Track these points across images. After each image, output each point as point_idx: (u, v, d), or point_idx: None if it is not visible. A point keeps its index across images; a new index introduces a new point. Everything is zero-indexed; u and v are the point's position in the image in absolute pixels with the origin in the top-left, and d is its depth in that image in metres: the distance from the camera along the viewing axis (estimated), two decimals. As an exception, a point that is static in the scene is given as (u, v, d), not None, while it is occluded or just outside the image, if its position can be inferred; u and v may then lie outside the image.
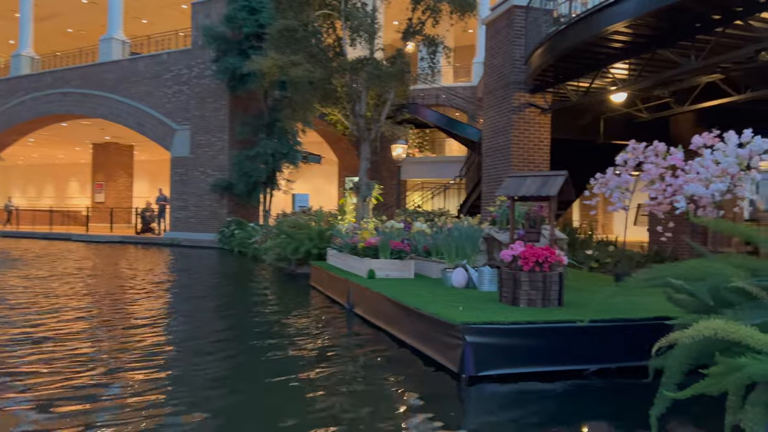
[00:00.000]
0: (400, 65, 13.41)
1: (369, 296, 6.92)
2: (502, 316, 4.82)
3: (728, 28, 7.92)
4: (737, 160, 6.01)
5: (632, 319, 4.90)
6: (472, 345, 4.52)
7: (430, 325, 5.07)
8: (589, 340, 4.74)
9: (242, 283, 11.83)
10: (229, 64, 19.86)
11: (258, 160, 20.57)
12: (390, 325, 6.12)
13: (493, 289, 6.67)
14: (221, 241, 20.28)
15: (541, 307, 5.37)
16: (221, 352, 5.63)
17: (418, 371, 4.98)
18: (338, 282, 8.47)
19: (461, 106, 27.07)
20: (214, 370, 4.90)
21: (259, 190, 21.46)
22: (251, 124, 21.26)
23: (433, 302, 5.60)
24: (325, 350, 5.69)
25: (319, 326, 6.94)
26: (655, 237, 14.51)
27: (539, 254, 5.41)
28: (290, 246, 11.93)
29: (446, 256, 7.29)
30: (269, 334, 6.33)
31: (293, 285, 11.17)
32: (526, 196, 5.63)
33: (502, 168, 12.38)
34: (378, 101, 14.80)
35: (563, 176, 5.57)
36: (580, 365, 4.76)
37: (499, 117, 12.59)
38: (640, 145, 7.67)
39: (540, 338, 4.67)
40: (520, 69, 12.14)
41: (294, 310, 8.22)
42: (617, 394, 4.51)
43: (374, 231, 8.92)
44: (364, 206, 14.02)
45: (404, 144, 17.31)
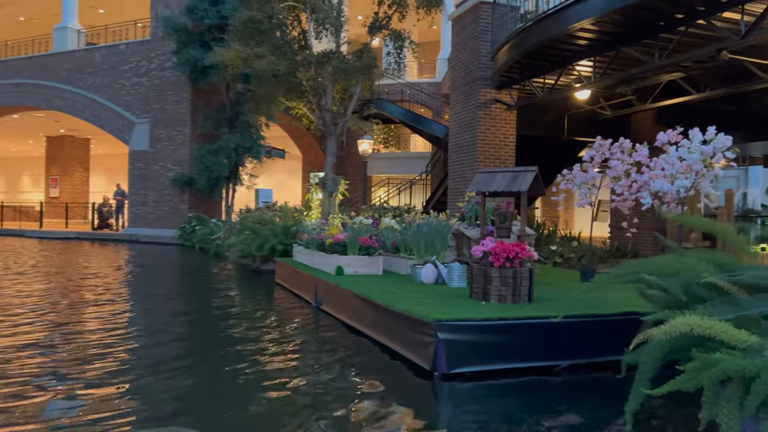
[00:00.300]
0: (366, 59, 13.29)
1: (337, 293, 6.81)
2: (473, 312, 4.78)
3: (691, 27, 8.06)
4: (702, 157, 6.10)
5: (603, 314, 4.91)
6: (445, 342, 4.46)
7: (401, 322, 4.99)
8: (561, 336, 4.74)
9: (205, 281, 11.55)
10: (191, 56, 19.40)
11: (220, 155, 20.19)
12: (359, 323, 6.02)
13: (463, 284, 6.64)
14: (182, 238, 19.84)
15: (512, 303, 5.35)
16: (182, 350, 5.44)
17: (389, 369, 4.90)
18: (305, 279, 8.33)
19: (426, 102, 27.12)
20: (174, 373, 4.72)
21: (222, 185, 21.07)
22: (213, 118, 20.83)
23: (403, 299, 5.53)
24: (292, 349, 5.56)
25: (286, 324, 6.79)
26: (616, 232, 14.79)
27: (510, 250, 5.38)
28: (255, 242, 11.71)
29: (415, 252, 7.23)
30: (233, 334, 6.16)
31: (258, 282, 10.96)
32: (497, 191, 5.60)
33: (468, 164, 12.40)
34: (344, 95, 14.66)
35: (533, 172, 5.56)
36: (553, 361, 4.75)
37: (466, 113, 12.60)
38: (606, 142, 7.75)
39: (512, 334, 4.64)
40: (486, 65, 12.16)
41: (259, 307, 8.05)
42: (589, 390, 4.52)
43: (341, 227, 8.81)
44: (330, 202, 13.87)
45: (370, 139, 17.21)
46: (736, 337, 2.97)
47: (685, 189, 6.28)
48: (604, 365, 4.86)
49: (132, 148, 22.55)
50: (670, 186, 6.37)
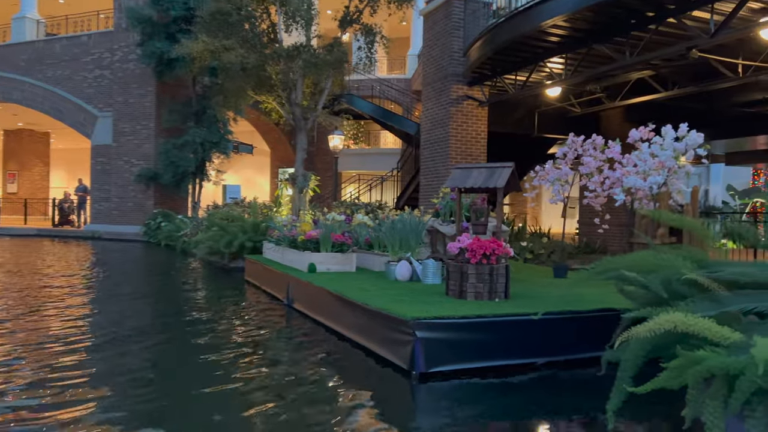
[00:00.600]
0: (337, 54, 13.13)
1: (310, 291, 6.67)
2: (451, 310, 4.71)
3: (661, 25, 8.14)
4: (674, 154, 6.15)
5: (581, 311, 4.89)
6: (423, 341, 4.38)
7: (377, 320, 4.89)
8: (540, 333, 4.70)
9: (171, 278, 11.26)
10: (156, 48, 18.91)
11: (186, 150, 19.76)
12: (334, 321, 5.90)
13: (437, 281, 6.58)
14: (147, 234, 19.38)
15: (488, 300, 5.30)
16: (149, 353, 5.24)
17: (365, 369, 4.80)
18: (276, 276, 8.16)
19: (396, 98, 27.04)
20: (140, 379, 4.54)
21: (188, 181, 20.64)
22: (179, 112, 20.39)
23: (378, 296, 5.43)
24: (264, 348, 5.41)
25: (257, 323, 6.62)
26: (584, 228, 14.95)
27: (486, 246, 5.33)
28: (223, 239, 11.46)
29: (390, 248, 7.13)
30: (201, 332, 5.97)
31: (227, 279, 10.73)
32: (473, 187, 5.54)
33: (440, 160, 12.36)
34: (314, 90, 14.47)
35: (510, 168, 5.51)
36: (531, 358, 4.72)
37: (438, 109, 12.55)
38: (578, 139, 7.77)
39: (491, 332, 4.58)
40: (458, 61, 12.12)
41: (228, 305, 7.85)
42: (569, 387, 4.49)
43: (312, 223, 8.66)
44: (300, 198, 13.68)
45: (341, 135, 17.04)
46: (720, 334, 2.95)
47: (658, 185, 6.33)
48: (581, 362, 4.86)
49: (94, 143, 21.92)
50: (642, 182, 6.41)
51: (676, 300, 3.57)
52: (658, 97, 10.74)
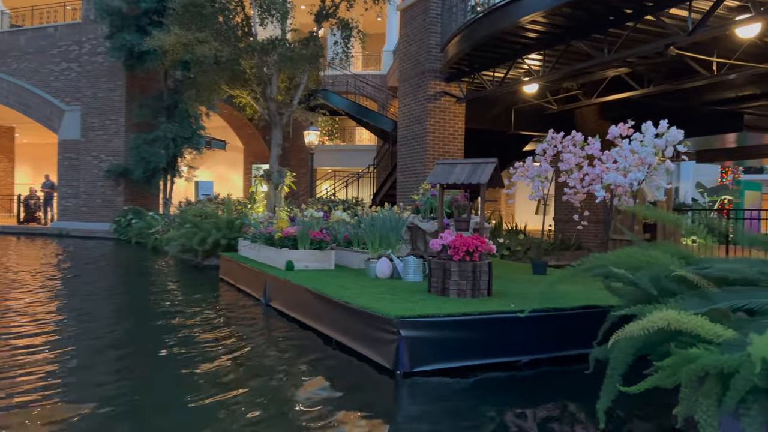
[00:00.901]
0: (313, 48, 12.94)
1: (289, 289, 6.52)
2: (435, 308, 4.62)
3: (639, 23, 8.16)
4: (654, 150, 6.15)
5: (566, 308, 4.85)
6: (407, 339, 4.28)
7: (360, 319, 4.78)
8: (525, 331, 4.64)
9: (143, 277, 10.96)
10: (126, 40, 18.46)
11: (158, 145, 19.37)
12: (314, 320, 5.77)
13: (419, 279, 6.49)
14: (117, 232, 18.94)
15: (471, 298, 5.23)
16: (119, 354, 5.05)
17: (347, 368, 4.68)
18: (253, 274, 7.98)
19: (371, 94, 26.90)
20: (111, 381, 4.35)
21: (159, 177, 20.24)
22: (150, 106, 19.96)
23: (360, 295, 5.31)
24: (241, 348, 5.25)
25: (233, 322, 6.45)
26: (560, 225, 15.04)
27: (469, 243, 5.26)
28: (197, 236, 11.21)
29: (369, 246, 7.02)
30: (175, 333, 5.78)
31: (201, 278, 10.49)
32: (456, 183, 5.45)
33: (417, 157, 12.29)
34: (289, 85, 14.26)
35: (493, 164, 5.44)
36: (515, 357, 4.66)
37: (415, 105, 12.47)
38: (558, 135, 7.76)
39: (476, 330, 4.50)
40: (436, 57, 12.05)
41: (203, 304, 7.64)
42: (556, 385, 4.44)
43: (288, 220, 8.50)
44: (275, 195, 13.47)
45: (317, 130, 16.85)
46: (713, 331, 2.91)
47: (638, 182, 6.33)
48: (565, 359, 4.82)
49: (62, 138, 21.33)
50: (623, 179, 6.40)
51: (665, 297, 3.53)
52: (633, 94, 10.81)
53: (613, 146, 7.03)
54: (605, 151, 7.06)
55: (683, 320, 2.93)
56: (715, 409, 2.77)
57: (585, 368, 4.73)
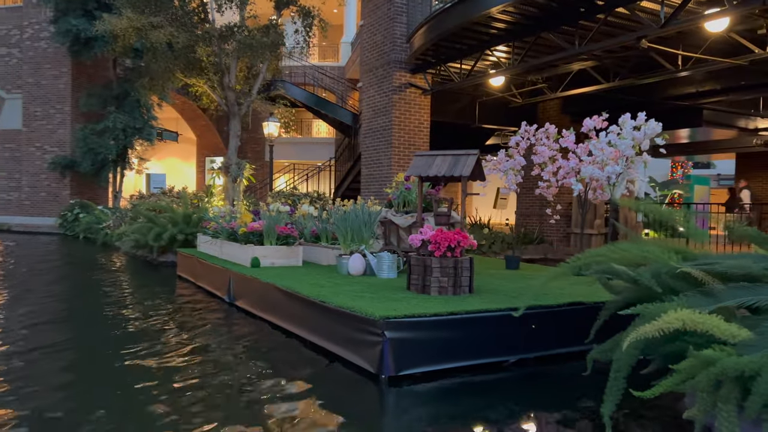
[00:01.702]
0: (274, 35, 12.48)
1: (257, 287, 6.17)
2: (419, 307, 4.37)
3: (610, 15, 8.11)
4: (633, 143, 6.06)
5: (554, 305, 4.68)
6: (393, 341, 4.02)
7: (340, 320, 4.49)
8: (512, 330, 4.45)
9: (93, 274, 10.31)
10: (71, 25, 17.51)
11: (107, 136, 18.50)
12: (287, 321, 5.44)
13: (393, 275, 6.25)
14: (63, 227, 18.03)
15: (453, 295, 5.01)
16: (64, 362, 4.61)
17: (327, 374, 4.38)
18: (215, 272, 7.57)
19: (330, 86, 26.48)
20: (54, 395, 3.94)
21: (108, 169, 19.37)
22: (98, 95, 19.05)
23: (336, 293, 5.02)
24: (206, 353, 4.88)
25: (195, 323, 6.05)
26: (522, 219, 15.05)
27: (451, 239, 5.03)
28: (152, 232, 10.66)
29: (341, 241, 6.72)
30: (130, 337, 5.35)
31: (156, 275, 9.97)
32: (437, 176, 5.21)
33: (383, 150, 12.02)
34: (248, 74, 13.76)
35: (475, 155, 5.23)
36: (503, 357, 4.46)
37: (380, 96, 12.19)
38: (531, 127, 7.62)
39: (463, 330, 4.28)
40: (401, 47, 11.80)
41: (161, 304, 7.18)
42: (547, 385, 4.26)
43: (251, 214, 8.12)
44: (234, 188, 12.98)
45: (276, 122, 16.37)
46: (728, 331, 2.76)
47: (616, 175, 6.23)
48: (551, 358, 4.66)
49: (1, 127, 20.15)
50: (600, 172, 6.30)
51: (667, 294, 3.38)
52: (598, 88, 10.82)
53: (588, 139, 6.95)
54: (579, 143, 6.95)
55: (698, 320, 2.77)
56: (736, 415, 2.61)
57: (570, 367, 4.61)
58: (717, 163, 29.26)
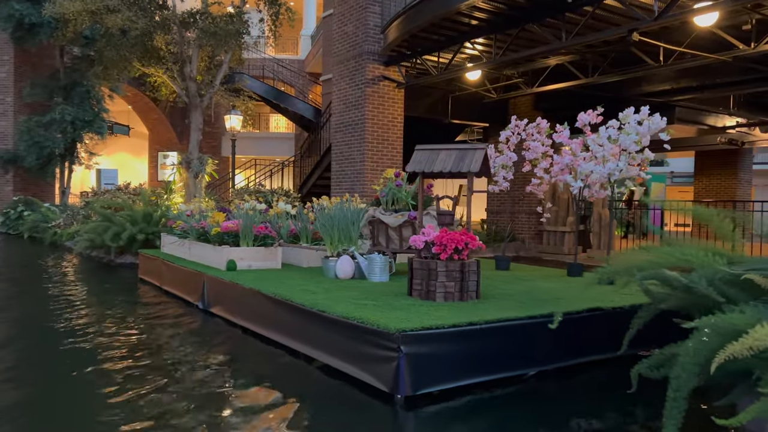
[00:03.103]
0: (238, 23, 11.82)
1: (237, 294, 5.63)
2: (432, 316, 3.95)
3: (597, 8, 7.87)
4: (638, 138, 5.80)
5: (573, 312, 4.33)
6: (409, 357, 3.59)
7: (345, 332, 4.02)
8: (534, 340, 4.08)
9: (43, 278, 9.46)
10: (14, 10, 16.32)
11: (54, 129, 17.38)
12: (275, 332, 4.93)
13: (385, 279, 5.81)
14: (5, 225, 16.85)
15: (460, 301, 4.62)
16: (6, 386, 4.00)
17: (332, 394, 3.92)
18: (185, 275, 6.96)
19: (289, 80, 25.77)
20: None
21: (55, 164, 18.23)
22: (44, 86, 17.88)
23: (333, 300, 4.55)
24: (182, 370, 4.33)
25: (165, 335, 5.46)
26: (492, 217, 14.83)
27: (458, 240, 4.63)
28: (109, 231, 9.89)
29: (327, 242, 6.23)
30: (88, 354, 4.73)
31: (115, 278, 9.23)
32: (442, 172, 4.79)
33: (355, 145, 11.54)
34: (210, 64, 13.04)
35: (483, 150, 4.84)
36: (521, 370, 4.09)
37: (351, 90, 11.70)
38: (521, 122, 7.31)
39: (483, 342, 3.89)
40: (374, 39, 11.34)
41: (124, 311, 6.53)
42: (573, 400, 3.90)
43: (222, 213, 7.54)
44: (195, 184, 12.27)
45: (239, 115, 15.65)
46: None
47: (618, 171, 5.97)
48: (570, 369, 4.32)
49: (-65, 118, 18.69)
50: (601, 168, 6.03)
51: (725, 304, 3.07)
52: (575, 84, 10.62)
53: (580, 134, 6.68)
54: (573, 139, 6.68)
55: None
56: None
57: (595, 379, 4.28)
58: (671, 161, 29.91)
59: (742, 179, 18.55)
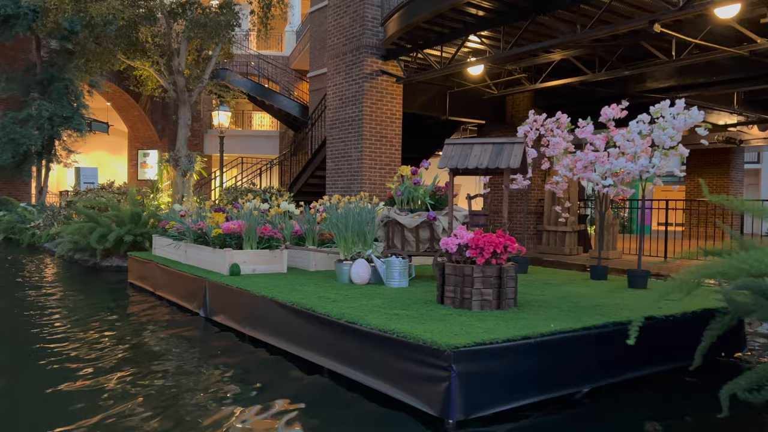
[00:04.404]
0: (230, 15, 11.29)
1: (246, 302, 5.16)
2: (477, 328, 3.54)
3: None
4: (675, 132, 5.46)
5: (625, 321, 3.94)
6: (462, 376, 3.17)
7: (384, 348, 3.59)
8: (590, 354, 3.70)
9: (23, 283, 8.82)
10: (-13, 0, 15.52)
11: (30, 125, 16.62)
12: (295, 345, 4.46)
13: (404, 284, 5.39)
14: (-21, 226, 16.02)
15: (497, 310, 4.22)
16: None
17: (371, 419, 3.49)
18: (183, 280, 6.46)
19: (272, 76, 25.20)
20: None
21: (32, 162, 17.45)
22: (19, 80, 17.12)
23: (360, 310, 4.11)
24: (192, 388, 3.87)
25: (166, 347, 4.97)
26: (490, 217, 14.49)
27: (496, 243, 4.23)
28: (95, 233, 9.30)
29: (341, 244, 5.78)
30: (74, 372, 4.25)
31: (102, 283, 8.66)
32: (479, 168, 4.38)
33: (352, 142, 11.09)
34: (198, 58, 12.48)
35: (521, 144, 4.44)
36: (576, 387, 3.70)
37: (348, 85, 11.24)
38: (540, 117, 6.93)
39: (537, 358, 3.49)
40: (373, 31, 10.90)
41: (117, 320, 6.01)
42: (639, 421, 3.52)
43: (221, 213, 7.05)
44: (184, 183, 11.71)
45: (227, 111, 15.08)
46: None
47: (652, 168, 5.61)
48: (623, 385, 3.94)
49: None
50: (633, 165, 5.68)
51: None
52: (578, 80, 10.30)
53: (604, 129, 6.35)
54: (597, 135, 6.32)
55: None
56: None
57: (648, 398, 3.90)
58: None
59: (734, 178, 18.50)
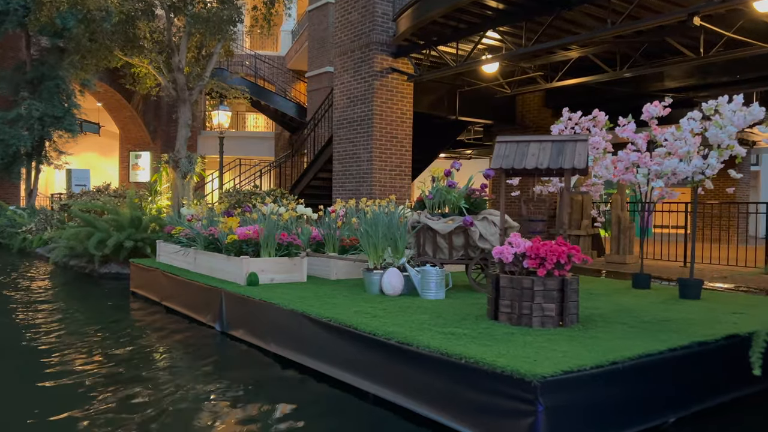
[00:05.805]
0: (232, 10, 10.81)
1: (271, 316, 4.68)
2: (553, 351, 3.11)
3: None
4: (735, 131, 5.06)
5: (710, 341, 3.53)
6: (550, 411, 2.72)
7: (449, 374, 3.13)
8: (682, 377, 3.28)
9: (15, 292, 8.24)
10: (-24, -4, 14.90)
11: (20, 125, 16.01)
12: (333, 367, 3.99)
13: (441, 295, 4.95)
14: (-34, 230, 15.37)
15: (560, 327, 3.79)
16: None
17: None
18: (195, 290, 5.97)
19: (268, 77, 24.68)
20: None
21: (21, 164, 16.83)
22: (8, 79, 16.53)
23: (408, 327, 3.65)
24: (224, 419, 3.40)
25: (183, 367, 4.50)
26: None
27: (559, 252, 3.79)
28: (93, 238, 8.77)
29: (370, 251, 5.32)
30: (79, 388, 3.77)
31: (101, 292, 8.12)
32: (539, 168, 3.93)
33: (361, 143, 10.63)
34: (198, 55, 11.97)
35: (585, 141, 4.00)
36: (665, 416, 3.27)
37: (356, 83, 10.79)
38: (575, 114, 6.52)
39: (623, 386, 3.05)
40: (383, 27, 10.46)
41: (124, 334, 5.51)
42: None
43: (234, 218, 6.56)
44: (184, 185, 11.19)
45: (227, 110, 14.57)
46: None
47: (707, 168, 5.21)
48: (709, 412, 3.52)
49: None
50: (686, 166, 5.27)
51: None
52: (596, 79, 9.91)
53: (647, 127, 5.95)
54: (638, 134, 5.93)
55: None
56: None
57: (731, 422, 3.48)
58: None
59: (741, 180, 18.23)
